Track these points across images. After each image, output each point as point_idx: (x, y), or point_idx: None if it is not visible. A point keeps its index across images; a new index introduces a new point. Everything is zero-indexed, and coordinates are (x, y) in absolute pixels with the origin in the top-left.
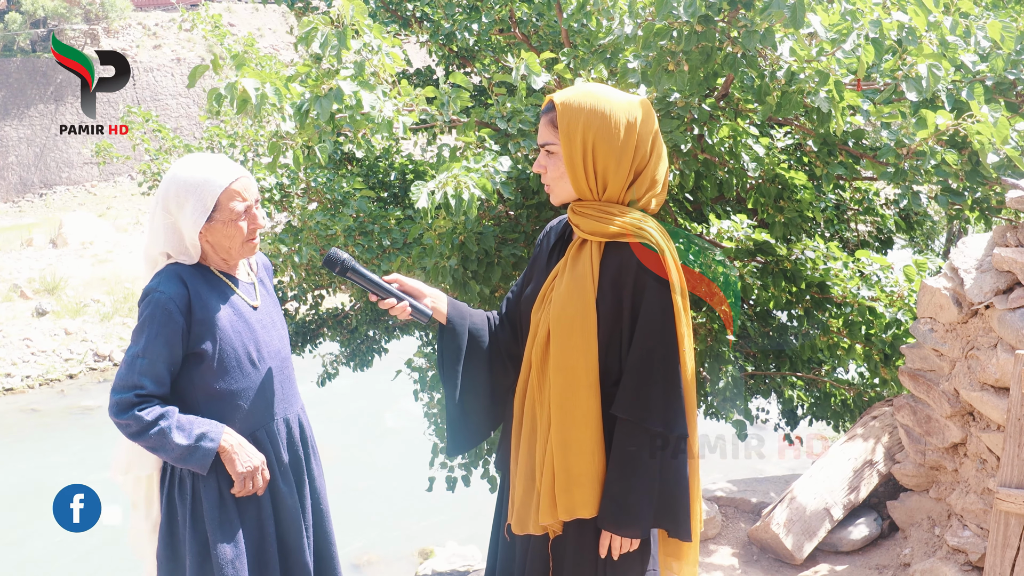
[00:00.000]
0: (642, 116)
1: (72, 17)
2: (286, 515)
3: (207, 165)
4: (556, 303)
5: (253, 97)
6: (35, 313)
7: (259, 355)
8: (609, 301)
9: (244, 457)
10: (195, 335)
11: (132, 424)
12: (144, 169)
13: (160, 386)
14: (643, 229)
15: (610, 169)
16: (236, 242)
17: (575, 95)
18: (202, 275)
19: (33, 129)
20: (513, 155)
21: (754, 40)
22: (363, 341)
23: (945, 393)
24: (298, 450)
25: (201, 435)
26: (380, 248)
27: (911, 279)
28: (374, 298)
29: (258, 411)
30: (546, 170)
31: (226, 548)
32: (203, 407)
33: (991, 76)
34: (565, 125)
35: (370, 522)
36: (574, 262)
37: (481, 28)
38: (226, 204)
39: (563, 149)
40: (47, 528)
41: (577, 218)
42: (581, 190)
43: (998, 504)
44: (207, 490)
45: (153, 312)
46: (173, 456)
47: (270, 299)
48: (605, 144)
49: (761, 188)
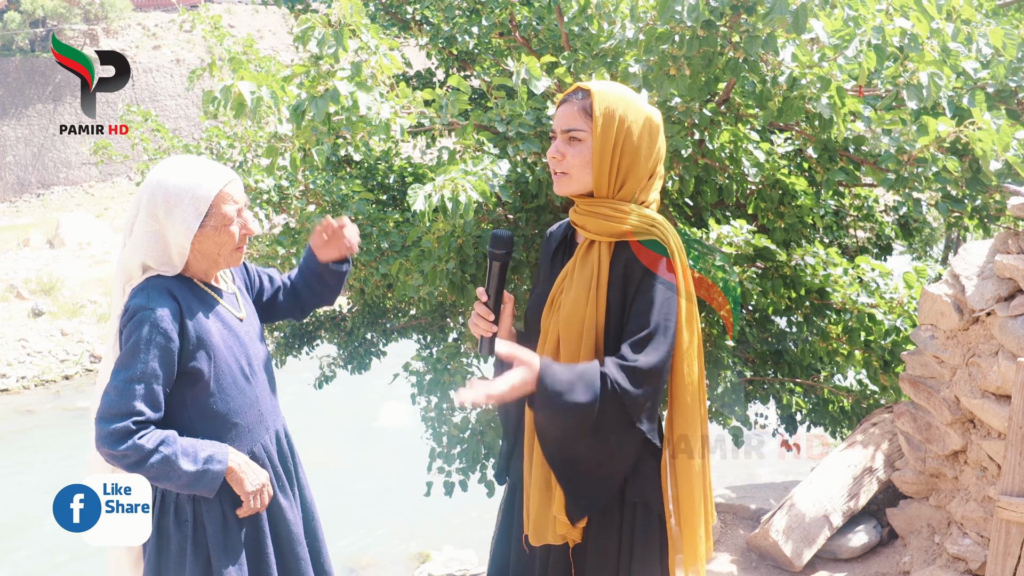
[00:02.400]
0: (660, 127)
1: (71, 17)
2: (286, 529)
3: (196, 168)
4: (564, 307)
5: (248, 101)
6: (31, 314)
7: (251, 368)
8: (618, 302)
9: (252, 476)
10: (189, 352)
11: (132, 454)
12: (142, 169)
13: (156, 410)
14: (655, 227)
15: (633, 168)
16: (226, 249)
17: (612, 88)
18: (189, 288)
19: (31, 129)
20: (512, 159)
21: (756, 45)
22: (360, 344)
23: (946, 400)
24: (288, 460)
25: (208, 458)
26: (378, 251)
27: (911, 286)
28: (483, 298)
29: (254, 427)
30: (564, 157)
31: (232, 572)
32: (198, 427)
33: (992, 83)
34: (604, 114)
35: (366, 526)
36: (583, 264)
37: (481, 31)
38: (219, 209)
39: (596, 138)
40: (43, 530)
41: (582, 219)
42: (600, 184)
43: (999, 512)
44: (210, 514)
45: (149, 333)
46: (179, 483)
47: (250, 308)
48: (634, 143)
49: (761, 193)
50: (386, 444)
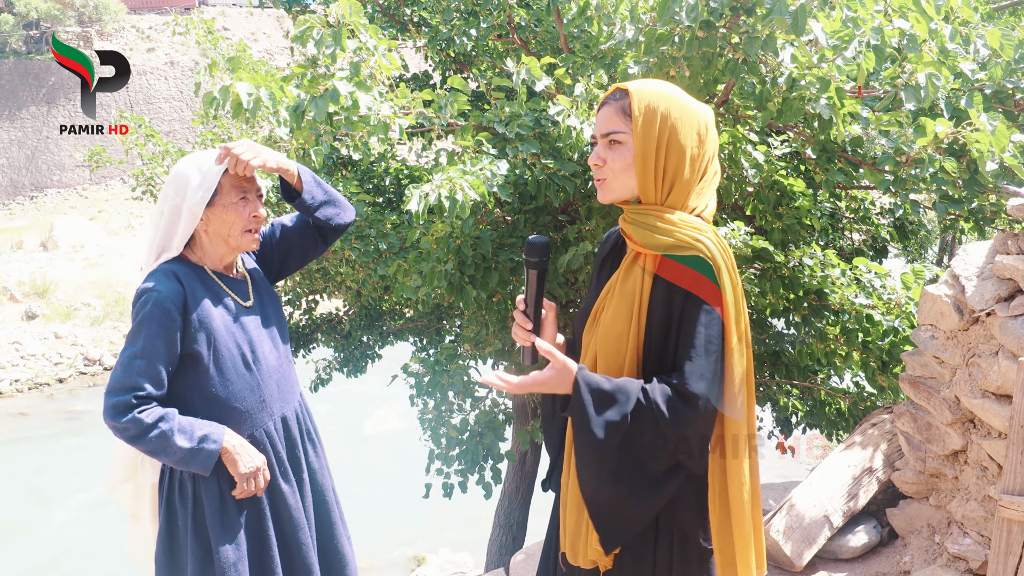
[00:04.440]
0: (711, 124)
1: (65, 19)
2: (287, 515)
3: (209, 155)
4: (603, 324)
5: (246, 102)
6: (25, 316)
7: (253, 356)
8: (660, 320)
9: (247, 458)
10: (191, 335)
11: (131, 427)
12: (137, 174)
13: (158, 387)
14: (700, 241)
15: (681, 171)
16: (235, 229)
17: (653, 86)
18: (196, 274)
19: (24, 132)
20: (511, 159)
21: (755, 46)
22: (357, 347)
23: (946, 400)
24: (296, 447)
25: (204, 437)
26: (376, 252)
27: (908, 287)
28: (521, 306)
29: (255, 412)
30: (605, 162)
31: (228, 551)
32: (200, 409)
33: (990, 85)
34: (644, 112)
35: (363, 528)
36: (625, 278)
37: (479, 33)
38: (227, 187)
39: (637, 139)
40: (35, 532)
41: (630, 228)
42: (645, 188)
43: (1001, 511)
44: (208, 493)
45: (151, 311)
46: (175, 459)
47: (263, 294)
48: (680, 144)
49: (760, 195)
50: (382, 447)
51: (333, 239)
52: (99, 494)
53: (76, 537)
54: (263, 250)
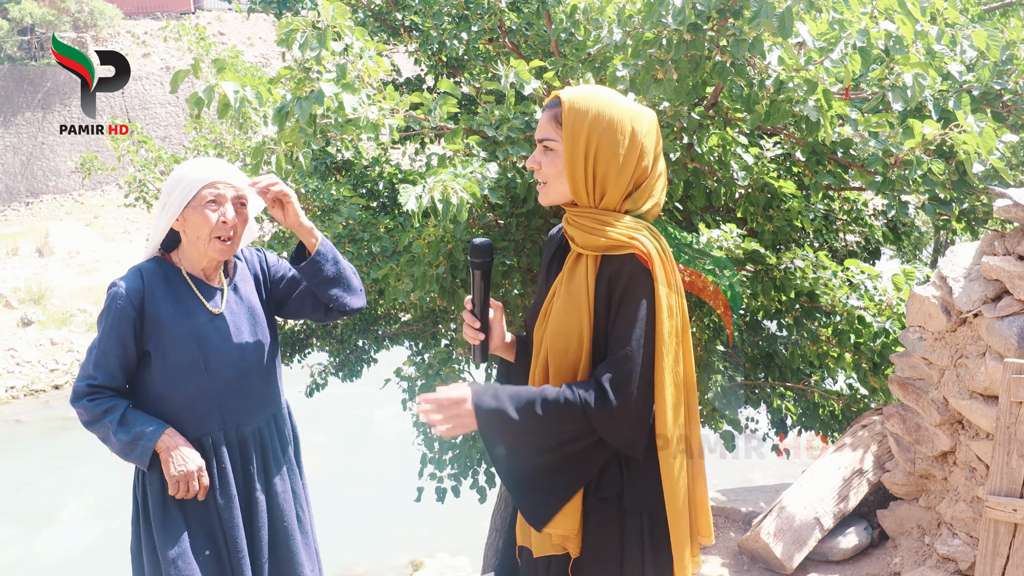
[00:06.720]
0: (647, 127)
1: (61, 25)
2: (225, 530)
3: (203, 162)
4: (551, 323)
5: (232, 100)
6: (20, 323)
7: (208, 363)
8: (604, 317)
9: (179, 460)
10: (146, 332)
11: (83, 413)
12: (130, 180)
13: (111, 379)
14: (635, 239)
15: (610, 176)
16: (204, 232)
17: (583, 95)
18: (164, 275)
19: (20, 137)
20: (501, 162)
21: (743, 49)
22: (352, 351)
23: (934, 401)
24: (250, 463)
25: (139, 433)
26: (369, 255)
27: (899, 288)
28: (469, 306)
29: (206, 418)
30: (540, 166)
31: (169, 547)
32: (151, 405)
33: (977, 86)
34: (570, 124)
35: (360, 533)
36: (570, 277)
37: (470, 37)
38: (201, 193)
39: (565, 148)
40: (32, 539)
41: (572, 230)
42: (577, 192)
43: (988, 512)
44: (151, 488)
45: (109, 305)
46: (115, 450)
47: (243, 306)
48: (608, 150)
49: (750, 197)
50: (378, 452)
51: (335, 318)
52: (95, 501)
53: (71, 545)
54: (265, 276)
